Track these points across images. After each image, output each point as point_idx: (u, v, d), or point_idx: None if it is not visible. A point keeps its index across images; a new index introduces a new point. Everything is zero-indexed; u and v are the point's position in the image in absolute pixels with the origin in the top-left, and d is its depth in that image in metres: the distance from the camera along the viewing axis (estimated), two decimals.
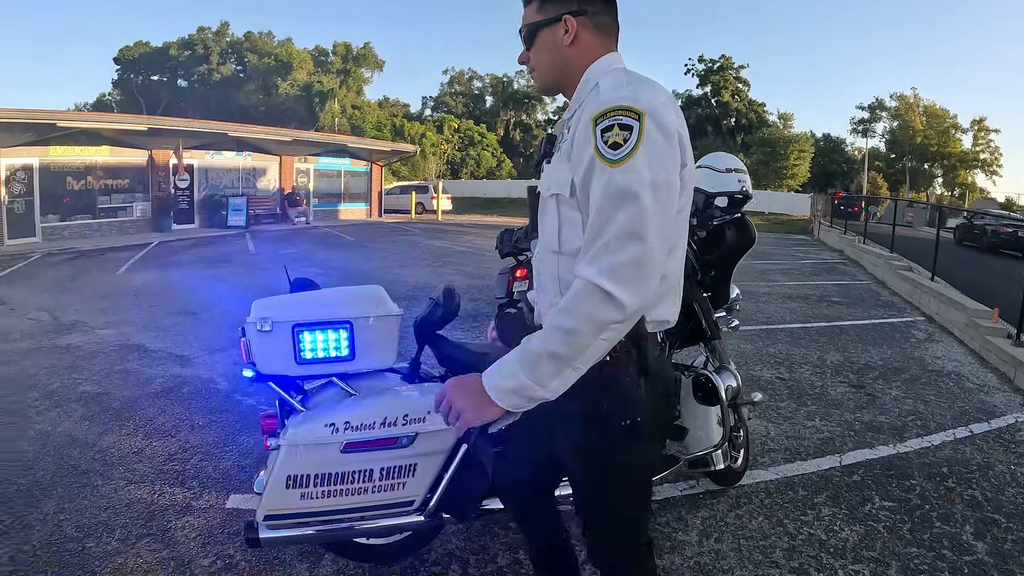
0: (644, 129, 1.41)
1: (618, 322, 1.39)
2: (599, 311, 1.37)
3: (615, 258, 1.38)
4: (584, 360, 1.41)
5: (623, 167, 1.41)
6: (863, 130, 58.22)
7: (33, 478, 3.75)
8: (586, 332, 1.38)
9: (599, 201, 1.43)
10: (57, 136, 18.56)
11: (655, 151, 1.42)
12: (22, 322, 7.96)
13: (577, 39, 1.65)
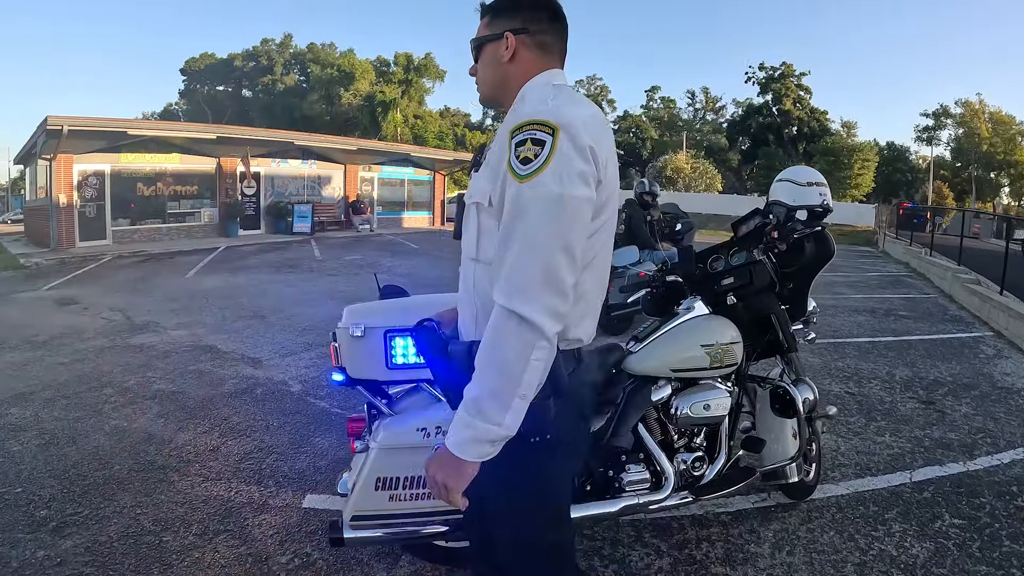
0: (557, 144, 1.41)
1: (542, 342, 1.38)
2: (519, 336, 1.37)
3: (521, 279, 1.38)
4: (526, 386, 1.40)
5: (531, 182, 1.41)
6: (928, 138, 56.74)
7: (110, 472, 3.85)
8: (515, 360, 1.38)
9: (505, 216, 1.44)
10: (128, 143, 19.24)
11: (565, 166, 1.41)
12: (95, 321, 8.24)
13: (516, 56, 1.67)
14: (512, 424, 1.41)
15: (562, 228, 1.40)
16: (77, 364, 6.19)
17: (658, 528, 3.30)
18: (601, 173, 1.49)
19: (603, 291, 1.66)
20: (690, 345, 3.09)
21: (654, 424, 3.11)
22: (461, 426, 1.43)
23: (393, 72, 61.78)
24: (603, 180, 1.50)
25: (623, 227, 8.29)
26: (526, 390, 1.40)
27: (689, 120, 68.87)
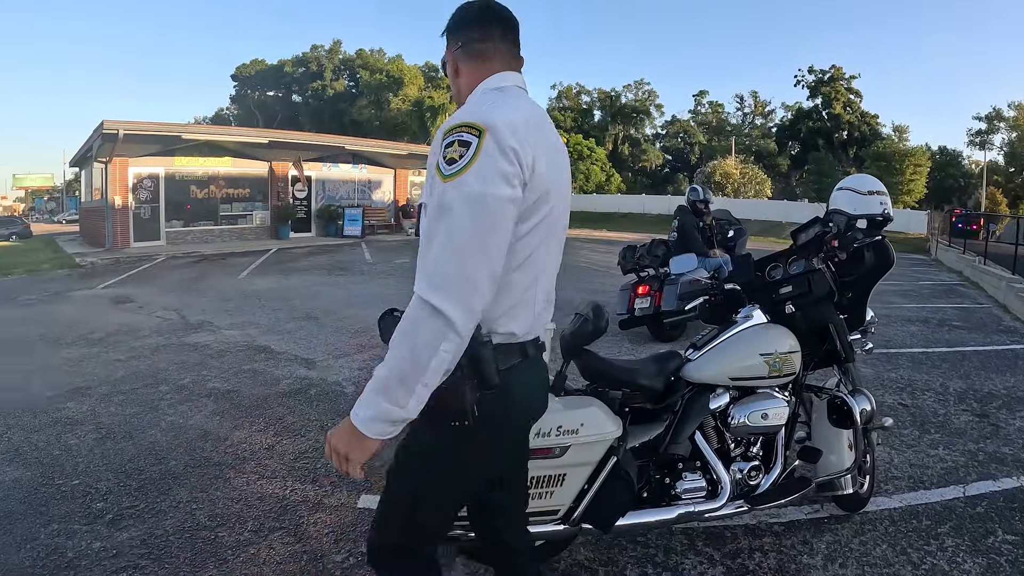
0: (482, 145, 1.47)
1: (451, 335, 1.44)
2: (431, 326, 1.43)
3: (439, 272, 1.45)
4: (431, 374, 1.45)
5: (454, 182, 1.47)
6: (980, 142, 55.16)
7: (166, 467, 3.93)
8: (424, 348, 1.44)
9: (429, 214, 1.52)
10: (181, 147, 19.75)
11: (488, 167, 1.47)
12: (150, 319, 8.47)
13: (459, 70, 1.82)
14: (414, 408, 1.47)
15: (482, 226, 1.46)
16: (133, 361, 6.35)
17: (711, 536, 3.27)
18: (527, 174, 1.54)
19: (543, 288, 1.72)
20: (749, 354, 3.06)
21: (711, 432, 3.09)
22: (367, 404, 1.50)
23: (442, 78, 62.09)
24: (529, 182, 1.55)
25: (675, 234, 8.23)
26: (430, 379, 1.46)
27: (738, 125, 68.19)
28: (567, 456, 2.53)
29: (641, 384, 2.94)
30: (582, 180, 56.69)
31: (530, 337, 1.74)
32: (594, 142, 60.50)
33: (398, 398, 1.46)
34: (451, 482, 1.75)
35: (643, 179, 64.77)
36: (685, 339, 7.72)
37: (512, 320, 1.66)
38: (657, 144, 68.78)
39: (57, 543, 3.08)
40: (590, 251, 21.55)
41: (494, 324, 1.61)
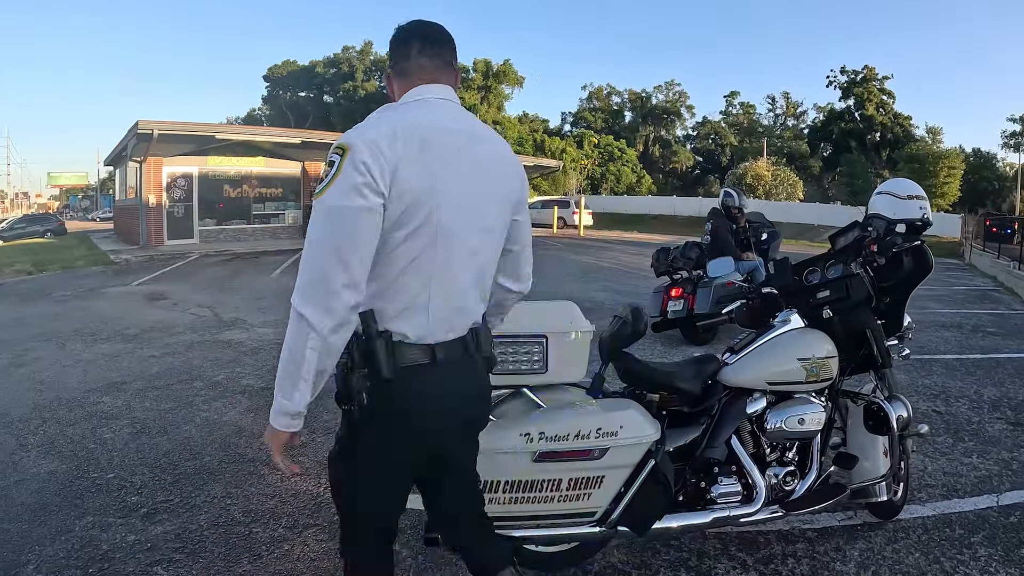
0: (343, 164, 1.63)
1: (312, 335, 1.59)
2: (297, 330, 1.61)
3: (301, 280, 1.62)
4: (307, 371, 1.61)
5: (319, 199, 1.66)
6: (1015, 144, 53.94)
7: (200, 462, 3.99)
8: (296, 349, 1.61)
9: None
10: (215, 147, 20.01)
11: (344, 182, 1.61)
12: (184, 316, 8.59)
13: (392, 89, 1.96)
14: (300, 401, 1.64)
15: (334, 235, 1.61)
16: (167, 357, 6.45)
17: (744, 542, 3.25)
18: (382, 185, 1.63)
19: (439, 292, 1.78)
20: (787, 358, 3.04)
21: (747, 437, 3.08)
22: (274, 401, 1.68)
23: (472, 78, 62.46)
24: (389, 192, 1.65)
25: (707, 237, 8.18)
26: (306, 374, 1.62)
27: (769, 126, 67.57)
28: (606, 458, 2.54)
29: (679, 387, 2.94)
30: (612, 181, 56.61)
31: (434, 340, 1.80)
32: (625, 143, 60.48)
33: (287, 392, 1.64)
34: (360, 467, 1.87)
35: (674, 180, 64.46)
36: (718, 342, 7.69)
37: (405, 321, 1.75)
38: (688, 145, 68.46)
39: (92, 535, 3.13)
40: (620, 252, 21.58)
41: (389, 323, 1.74)
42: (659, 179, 62.66)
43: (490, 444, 2.41)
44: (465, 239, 1.81)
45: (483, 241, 1.88)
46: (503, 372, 2.58)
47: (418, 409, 1.81)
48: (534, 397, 2.69)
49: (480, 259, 1.88)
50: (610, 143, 58.76)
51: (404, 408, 1.78)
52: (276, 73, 68.59)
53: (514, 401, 2.74)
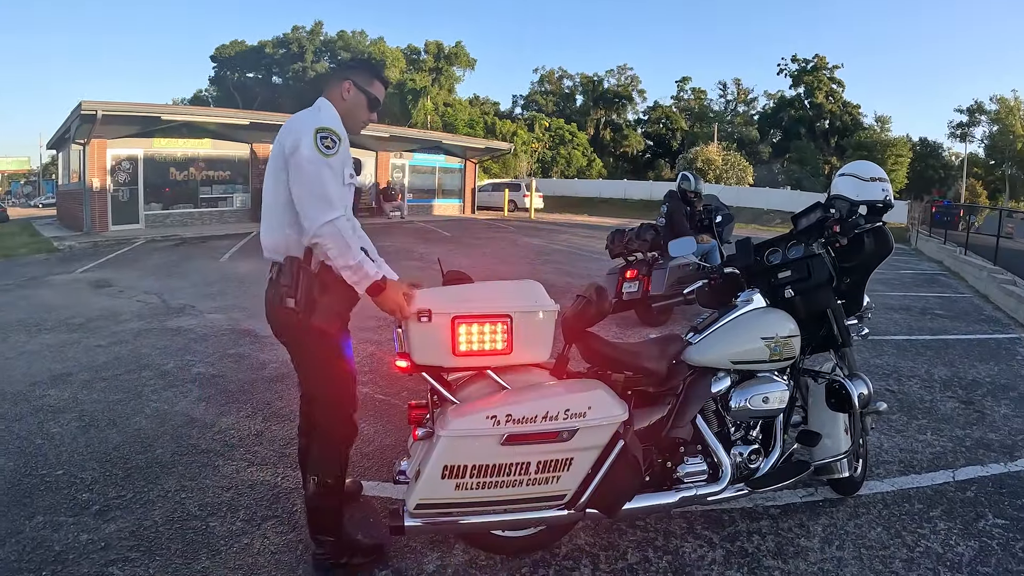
0: None
1: None
2: None
3: None
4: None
5: None
6: (961, 134, 55.68)
7: (152, 455, 3.83)
8: None
9: None
10: (161, 129, 19.41)
11: None
12: (131, 304, 8.30)
13: None
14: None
15: None
16: (115, 347, 6.21)
17: (709, 520, 3.29)
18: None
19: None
20: (750, 338, 3.06)
21: (712, 416, 3.10)
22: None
23: (424, 60, 62.05)
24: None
25: (662, 219, 8.21)
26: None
27: (720, 112, 68.36)
28: (575, 440, 2.50)
29: (645, 367, 2.92)
30: (563, 164, 56.78)
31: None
32: (576, 127, 60.61)
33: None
34: None
35: (624, 164, 64.90)
36: (673, 323, 7.74)
37: None
38: (639, 130, 68.85)
39: (43, 536, 2.98)
40: (571, 235, 21.64)
41: None
42: (610, 163, 62.98)
43: (456, 427, 2.37)
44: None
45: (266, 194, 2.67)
46: (467, 354, 2.53)
47: None
48: (498, 379, 2.62)
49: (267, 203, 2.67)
50: (561, 126, 58.87)
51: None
52: (224, 53, 66.89)
53: (478, 383, 2.68)
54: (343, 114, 2.72)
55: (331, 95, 2.75)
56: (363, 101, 2.78)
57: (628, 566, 2.89)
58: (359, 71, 2.79)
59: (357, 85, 2.74)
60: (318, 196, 2.44)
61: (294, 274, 2.56)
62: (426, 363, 2.54)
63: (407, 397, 4.72)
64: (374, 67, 2.87)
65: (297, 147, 2.48)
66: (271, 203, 2.64)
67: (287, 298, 2.56)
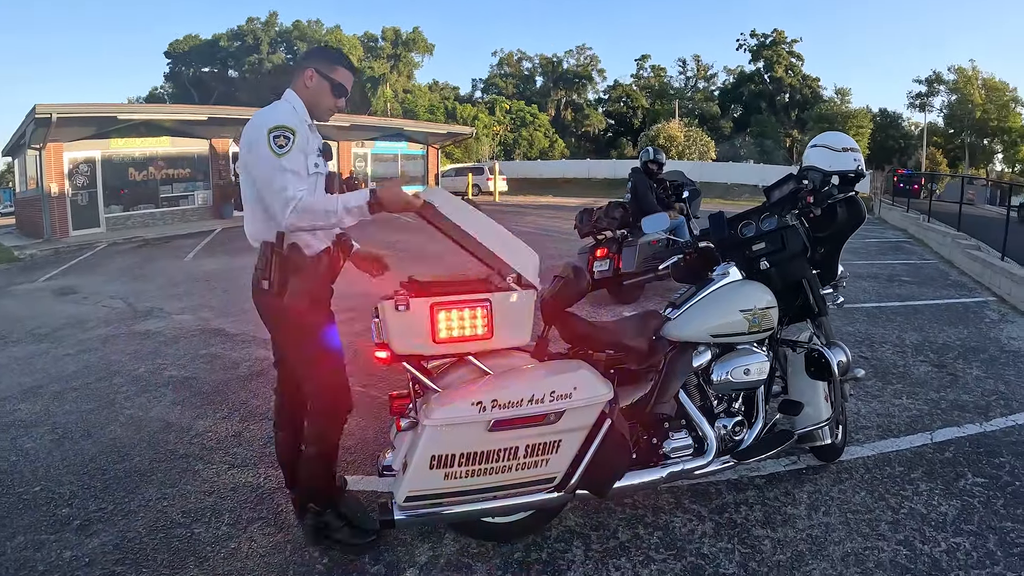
0: None
1: None
2: None
3: None
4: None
5: None
6: (921, 105, 56.47)
7: (130, 464, 3.74)
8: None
9: None
10: (118, 129, 18.95)
11: None
12: (97, 310, 8.12)
13: None
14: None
15: None
16: (83, 355, 6.07)
17: (696, 493, 3.32)
18: None
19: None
20: (729, 310, 3.07)
21: (694, 390, 3.11)
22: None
23: (381, 47, 61.48)
24: None
25: (629, 196, 8.21)
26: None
27: (680, 88, 68.47)
28: (562, 422, 2.48)
29: (626, 345, 2.92)
30: (525, 146, 56.77)
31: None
32: (537, 108, 60.48)
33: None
34: None
35: (587, 144, 64.87)
36: (645, 300, 7.77)
37: None
38: (600, 109, 68.73)
39: (25, 556, 2.88)
40: (537, 216, 21.62)
41: None
42: (572, 143, 62.92)
43: (441, 416, 2.34)
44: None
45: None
46: (447, 341, 2.50)
47: None
48: (480, 364, 2.60)
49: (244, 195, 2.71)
50: (522, 108, 58.67)
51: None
52: (178, 49, 65.33)
53: (460, 369, 2.65)
54: (308, 103, 2.73)
55: (296, 85, 2.74)
56: (326, 88, 2.75)
57: (620, 544, 2.90)
58: (320, 58, 2.78)
59: (319, 72, 2.72)
60: (277, 194, 2.48)
61: (267, 257, 2.62)
62: (406, 352, 2.51)
63: (386, 388, 4.69)
64: (336, 53, 2.85)
65: (252, 148, 2.54)
66: (247, 195, 2.70)
67: (262, 280, 2.65)
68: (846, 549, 2.86)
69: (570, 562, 2.77)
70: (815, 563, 2.76)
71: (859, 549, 2.86)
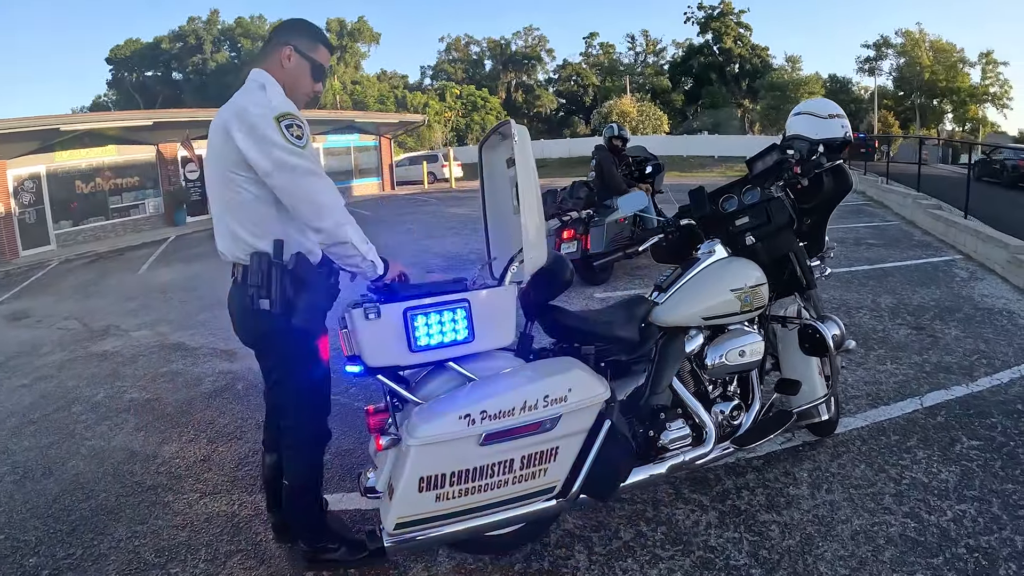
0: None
1: None
2: None
3: None
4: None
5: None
6: (870, 69, 57.18)
7: (96, 502, 3.47)
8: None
9: None
10: (61, 141, 18.30)
11: None
12: (51, 333, 7.75)
13: None
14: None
15: None
16: (39, 383, 5.73)
17: (695, 482, 3.21)
18: None
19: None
20: (719, 290, 2.93)
21: (688, 377, 2.99)
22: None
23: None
24: None
25: (593, 174, 8.09)
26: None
27: (630, 64, 68.65)
28: (558, 428, 2.29)
29: (616, 336, 2.74)
30: (478, 131, 56.86)
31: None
32: (487, 92, 60.81)
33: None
34: None
35: (539, 124, 64.70)
36: (616, 280, 7.65)
37: None
38: (551, 89, 69.01)
39: None
40: None
41: None
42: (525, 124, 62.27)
43: (426, 434, 2.11)
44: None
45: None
46: (425, 348, 2.28)
47: None
48: (462, 370, 2.37)
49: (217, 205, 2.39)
50: (472, 93, 58.81)
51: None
52: (119, 54, 63.48)
53: (439, 378, 2.42)
54: (286, 86, 2.37)
55: (269, 64, 2.38)
56: (306, 69, 2.42)
57: (624, 544, 2.77)
58: (300, 34, 2.41)
59: (299, 51, 2.38)
60: (312, 203, 2.20)
61: (264, 272, 2.23)
62: (381, 364, 2.27)
63: (359, 394, 4.52)
64: (317, 29, 2.49)
65: (253, 138, 2.17)
66: (224, 204, 2.32)
67: (260, 299, 2.22)
68: (854, 527, 2.79)
69: (574, 569, 2.63)
70: (825, 544, 2.69)
71: (867, 526, 2.80)
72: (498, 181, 2.72)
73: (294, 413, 2.51)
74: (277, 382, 2.53)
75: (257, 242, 2.28)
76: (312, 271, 2.30)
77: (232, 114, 2.21)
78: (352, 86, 59.12)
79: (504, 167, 2.70)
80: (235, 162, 2.23)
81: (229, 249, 2.36)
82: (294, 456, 2.54)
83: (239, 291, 2.35)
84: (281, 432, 2.59)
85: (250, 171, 2.23)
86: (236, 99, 2.28)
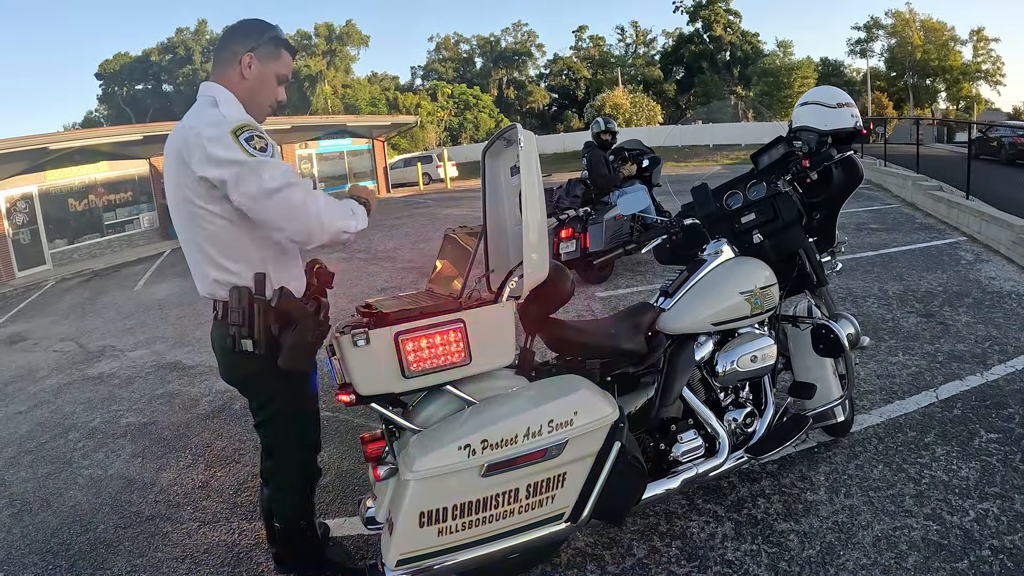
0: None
1: None
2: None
3: None
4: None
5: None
6: (861, 51, 57.01)
7: (95, 534, 3.38)
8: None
9: None
10: (52, 159, 18.20)
11: None
12: (48, 356, 7.66)
13: None
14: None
15: None
16: (35, 410, 5.63)
17: (708, 491, 3.09)
18: None
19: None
20: (728, 293, 2.81)
21: (698, 385, 2.86)
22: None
23: (315, 44, 60.68)
24: None
25: (585, 171, 7.96)
26: None
27: (621, 56, 68.40)
28: (565, 453, 2.15)
29: (623, 348, 2.61)
30: (471, 129, 57.03)
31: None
32: (479, 90, 60.66)
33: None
34: None
35: (532, 120, 64.55)
36: (617, 278, 7.55)
37: None
38: (542, 84, 68.83)
39: None
40: None
41: None
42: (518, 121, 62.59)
43: (425, 467, 1.99)
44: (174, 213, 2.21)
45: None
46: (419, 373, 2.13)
47: None
48: (461, 393, 2.24)
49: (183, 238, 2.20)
50: (464, 91, 58.65)
51: None
52: (109, 69, 63.41)
53: (436, 402, 2.28)
54: (245, 99, 2.17)
55: (225, 77, 2.17)
56: (269, 77, 2.21)
57: (638, 562, 2.66)
58: (259, 39, 2.18)
59: (260, 59, 2.17)
60: (297, 218, 1.99)
61: (245, 310, 2.04)
62: (373, 392, 2.12)
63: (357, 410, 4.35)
64: (276, 30, 2.24)
65: (224, 167, 1.95)
66: (191, 238, 2.13)
67: (242, 340, 2.03)
68: (875, 533, 2.70)
69: None
70: (846, 553, 2.59)
71: (888, 531, 2.70)
72: (500, 190, 2.59)
73: (282, 453, 2.39)
74: (263, 422, 2.36)
75: (234, 277, 2.09)
76: (298, 306, 2.11)
77: (182, 138, 2.02)
78: (343, 90, 59.03)
79: (507, 175, 2.58)
80: (196, 192, 2.03)
81: (205, 286, 2.17)
82: (283, 498, 2.44)
83: (219, 330, 2.16)
84: (269, 473, 2.47)
85: (213, 201, 2.03)
86: (187, 119, 2.10)
